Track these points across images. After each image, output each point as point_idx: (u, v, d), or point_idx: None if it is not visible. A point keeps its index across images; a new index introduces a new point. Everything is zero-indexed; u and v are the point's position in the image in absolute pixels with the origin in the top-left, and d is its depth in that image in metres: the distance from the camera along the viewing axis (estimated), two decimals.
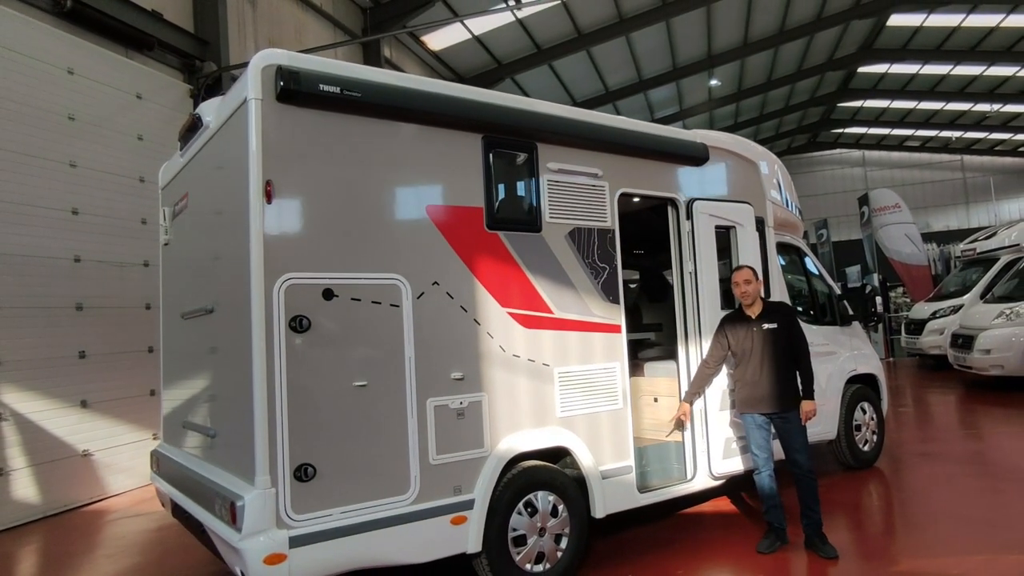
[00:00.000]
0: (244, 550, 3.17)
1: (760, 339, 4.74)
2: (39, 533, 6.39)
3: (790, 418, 4.67)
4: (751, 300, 4.82)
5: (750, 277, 4.83)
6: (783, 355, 4.71)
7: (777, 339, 4.72)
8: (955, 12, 18.97)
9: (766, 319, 4.77)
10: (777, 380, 4.68)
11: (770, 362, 4.70)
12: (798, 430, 4.68)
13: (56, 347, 7.22)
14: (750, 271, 4.86)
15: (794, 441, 4.68)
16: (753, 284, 4.81)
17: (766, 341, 4.73)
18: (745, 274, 4.85)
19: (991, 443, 7.97)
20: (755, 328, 4.77)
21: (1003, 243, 13.56)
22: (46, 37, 7.35)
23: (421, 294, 3.78)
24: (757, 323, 4.77)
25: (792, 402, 4.69)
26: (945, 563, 4.45)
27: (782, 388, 4.68)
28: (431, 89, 3.97)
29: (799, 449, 4.67)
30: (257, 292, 3.30)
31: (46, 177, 7.24)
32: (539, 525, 4.13)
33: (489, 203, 4.12)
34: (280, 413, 3.29)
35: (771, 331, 4.74)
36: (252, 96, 3.40)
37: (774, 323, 4.75)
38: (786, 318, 4.81)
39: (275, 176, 3.39)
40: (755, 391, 4.75)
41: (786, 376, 4.70)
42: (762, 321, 4.77)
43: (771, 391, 4.69)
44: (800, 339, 4.79)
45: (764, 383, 4.71)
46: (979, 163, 32.97)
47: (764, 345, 4.72)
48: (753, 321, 4.80)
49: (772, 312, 4.82)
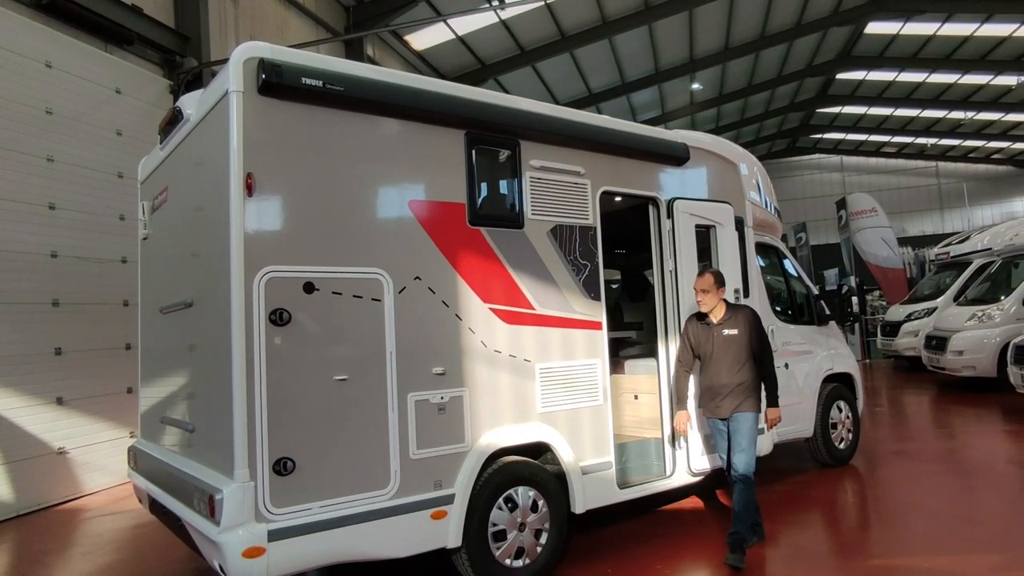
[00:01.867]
0: (223, 543, 3.16)
1: (720, 344, 4.68)
2: (13, 531, 6.30)
3: (740, 420, 4.59)
4: (708, 308, 4.75)
5: (707, 286, 4.71)
6: (743, 361, 4.64)
7: (737, 345, 4.65)
8: (931, 21, 19.30)
9: (727, 324, 4.70)
10: (732, 384, 4.62)
11: (728, 368, 4.64)
12: (745, 432, 4.56)
13: (32, 343, 7.12)
14: (710, 279, 4.73)
15: (738, 443, 4.58)
16: (711, 294, 4.70)
17: (726, 346, 4.66)
18: (703, 283, 4.75)
19: (963, 442, 8.12)
20: (715, 333, 4.71)
21: (976, 247, 13.82)
22: (23, 30, 7.26)
23: (403, 289, 3.79)
24: (718, 328, 4.71)
25: (745, 405, 4.61)
26: (917, 557, 4.54)
27: (741, 392, 4.62)
28: (414, 84, 3.98)
29: (739, 451, 4.56)
30: (237, 285, 3.29)
31: (23, 171, 7.14)
32: (519, 520, 4.15)
33: (472, 199, 4.14)
34: (259, 406, 3.28)
35: (731, 337, 4.67)
36: (234, 88, 3.39)
37: (735, 329, 4.67)
38: (748, 324, 4.69)
39: (256, 169, 3.38)
40: (714, 396, 4.72)
41: (744, 382, 4.63)
42: (723, 326, 4.70)
43: (725, 395, 4.64)
44: (763, 346, 4.71)
45: (721, 388, 4.66)
46: (953, 169, 33.57)
47: (724, 350, 4.66)
48: (714, 326, 4.74)
49: (734, 317, 4.72)
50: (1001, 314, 10.82)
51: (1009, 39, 19.89)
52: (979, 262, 13.23)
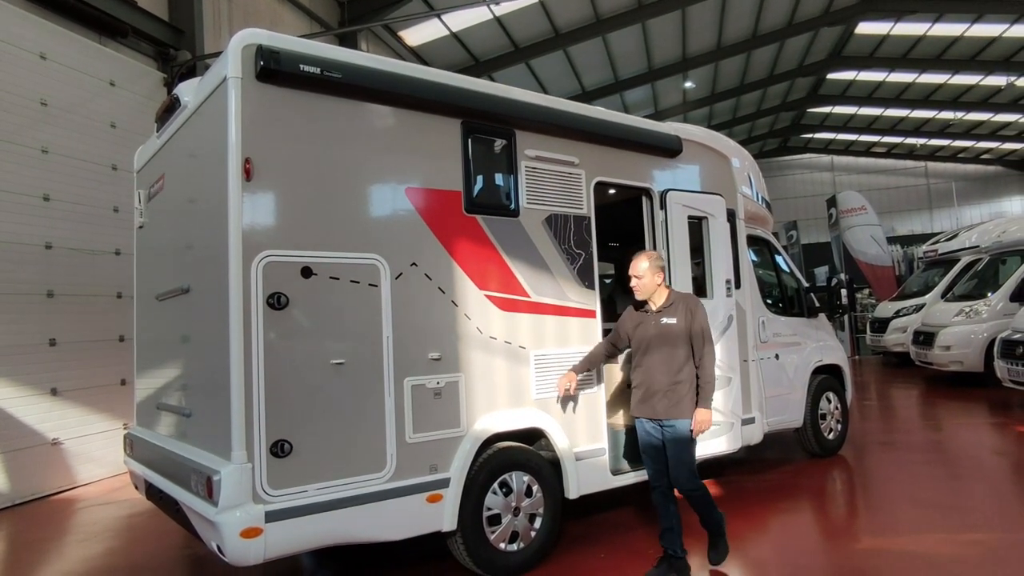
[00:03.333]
0: (220, 523, 3.20)
1: (656, 333, 4.15)
2: (8, 520, 6.31)
3: (677, 427, 4.05)
4: (644, 296, 4.23)
5: (640, 272, 4.17)
6: (679, 355, 4.10)
7: (675, 336, 4.11)
8: (921, 21, 19.47)
9: (667, 313, 4.16)
10: (668, 382, 4.08)
11: (664, 362, 4.10)
12: (683, 442, 4.05)
13: (26, 334, 7.13)
14: (643, 262, 4.18)
15: (676, 454, 4.05)
16: (645, 280, 4.16)
17: (662, 337, 4.13)
18: (634, 267, 4.21)
19: (950, 434, 8.24)
20: (652, 321, 4.19)
21: (964, 244, 13.98)
22: (19, 21, 7.25)
23: (399, 275, 3.83)
24: (656, 316, 4.18)
25: (681, 410, 4.05)
26: (904, 541, 4.63)
27: (673, 392, 4.07)
28: (412, 73, 4.03)
29: (678, 463, 4.05)
30: (235, 268, 3.32)
31: (17, 162, 7.14)
32: (513, 504, 4.20)
33: (468, 187, 4.19)
34: (257, 389, 3.32)
35: (668, 326, 4.12)
36: (232, 74, 3.42)
37: (673, 318, 4.13)
38: (689, 313, 4.14)
39: (254, 154, 3.42)
40: (646, 392, 4.17)
41: (680, 379, 4.08)
42: (661, 314, 4.17)
43: (661, 394, 4.09)
44: (703, 338, 4.12)
45: (655, 384, 4.11)
46: (942, 169, 33.83)
47: (659, 341, 4.13)
48: (653, 313, 4.20)
49: (675, 305, 4.18)
50: (988, 310, 10.96)
51: (999, 39, 20.07)
52: (967, 259, 13.38)
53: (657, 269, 4.18)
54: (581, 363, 4.55)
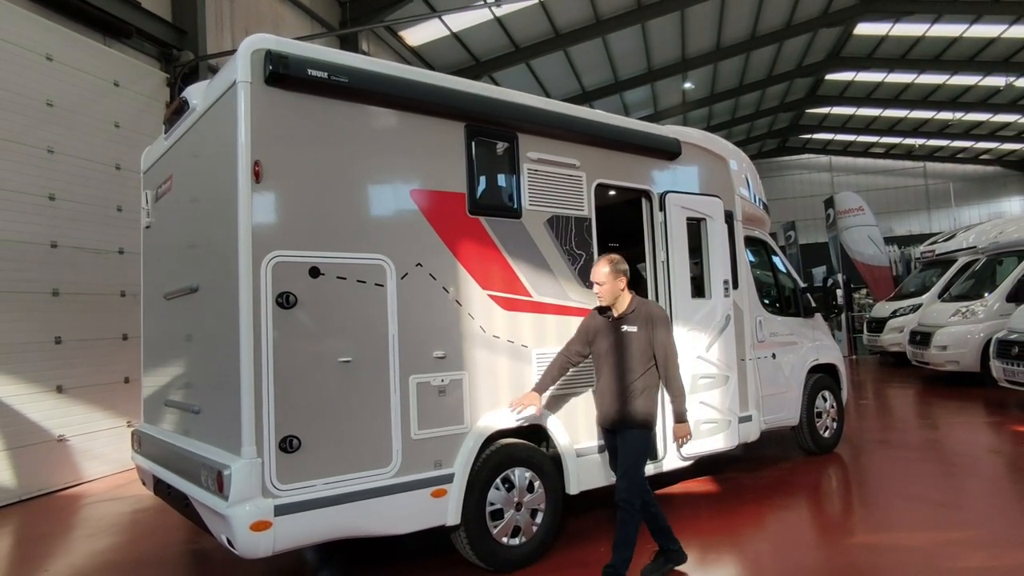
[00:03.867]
0: (231, 517, 3.28)
1: (616, 342, 4.05)
2: (16, 516, 6.39)
3: (628, 436, 3.97)
4: (608, 302, 4.09)
5: (602, 278, 4.04)
6: (637, 364, 3.98)
7: (635, 345, 3.99)
8: (920, 22, 19.56)
9: (628, 320, 4.04)
10: (623, 392, 3.98)
11: (622, 371, 4.00)
12: (630, 451, 3.95)
13: (33, 332, 7.20)
14: (604, 267, 4.04)
15: (623, 464, 3.95)
16: (607, 286, 4.02)
17: (622, 345, 4.02)
18: (596, 273, 4.09)
19: (946, 433, 8.33)
20: (613, 328, 4.09)
21: (961, 245, 14.08)
22: (26, 23, 7.33)
23: (405, 275, 3.92)
24: (617, 322, 4.07)
25: (638, 420, 3.97)
26: (899, 537, 4.71)
27: (632, 402, 3.97)
28: (417, 78, 4.11)
29: (623, 474, 3.92)
30: (245, 269, 3.40)
31: (24, 162, 7.22)
32: (516, 500, 4.29)
33: (471, 189, 4.28)
34: (266, 385, 3.40)
35: (629, 335, 4.01)
36: (241, 79, 3.50)
37: (634, 326, 4.00)
38: (652, 323, 4.00)
39: (263, 156, 3.50)
40: (603, 401, 4.11)
41: (636, 388, 3.97)
42: (623, 322, 4.05)
43: (615, 403, 4.01)
44: (667, 350, 3.99)
45: (611, 392, 4.04)
46: (941, 170, 33.94)
47: (619, 350, 4.03)
48: (614, 320, 4.09)
49: (637, 312, 4.05)
50: (985, 310, 11.05)
51: (998, 40, 20.16)
52: (964, 260, 13.48)
53: (619, 273, 4.03)
54: (543, 379, 4.34)
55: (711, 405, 5.49)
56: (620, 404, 4.00)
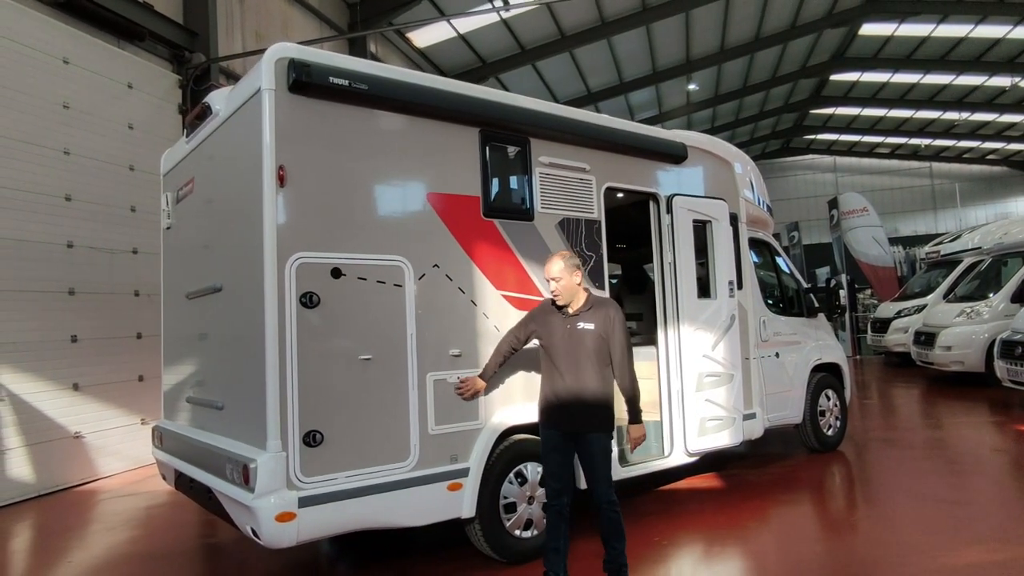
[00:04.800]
0: (257, 508, 3.41)
1: (572, 340, 3.84)
2: (35, 511, 6.54)
3: (593, 441, 3.80)
4: (565, 301, 3.91)
5: (557, 273, 3.84)
6: (597, 363, 3.82)
7: (592, 343, 3.82)
8: (926, 22, 19.62)
9: (583, 317, 3.85)
10: (585, 393, 3.79)
11: (580, 370, 3.80)
12: (601, 456, 3.82)
13: (50, 331, 7.34)
14: (557, 263, 3.86)
15: (596, 469, 3.82)
16: (563, 281, 3.84)
17: (578, 343, 3.82)
18: (550, 269, 3.88)
19: (950, 432, 8.42)
20: (566, 324, 3.88)
21: (966, 246, 14.15)
22: (43, 27, 7.48)
23: (422, 275, 4.05)
24: (572, 319, 3.87)
25: (599, 424, 3.83)
26: (902, 532, 4.82)
27: (590, 403, 3.79)
28: (433, 85, 4.24)
29: (600, 479, 3.82)
30: (270, 269, 3.53)
31: (41, 164, 7.36)
32: (528, 494, 4.42)
33: (485, 192, 4.40)
34: (290, 382, 3.53)
35: (584, 332, 3.82)
36: (266, 86, 3.63)
37: (590, 323, 3.83)
38: (609, 321, 3.84)
39: (287, 161, 3.63)
40: (558, 402, 3.85)
41: (598, 389, 3.81)
42: (577, 319, 3.86)
43: (576, 405, 3.80)
44: (622, 347, 3.84)
45: (569, 394, 3.81)
46: (947, 170, 33.98)
47: (575, 348, 3.83)
48: (568, 316, 3.89)
49: (593, 309, 3.88)
50: (989, 311, 11.12)
51: (1003, 40, 20.21)
52: (969, 260, 13.54)
53: (573, 268, 3.89)
54: (488, 366, 4.23)
55: (716, 402, 5.60)
56: (581, 407, 3.79)
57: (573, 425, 3.83)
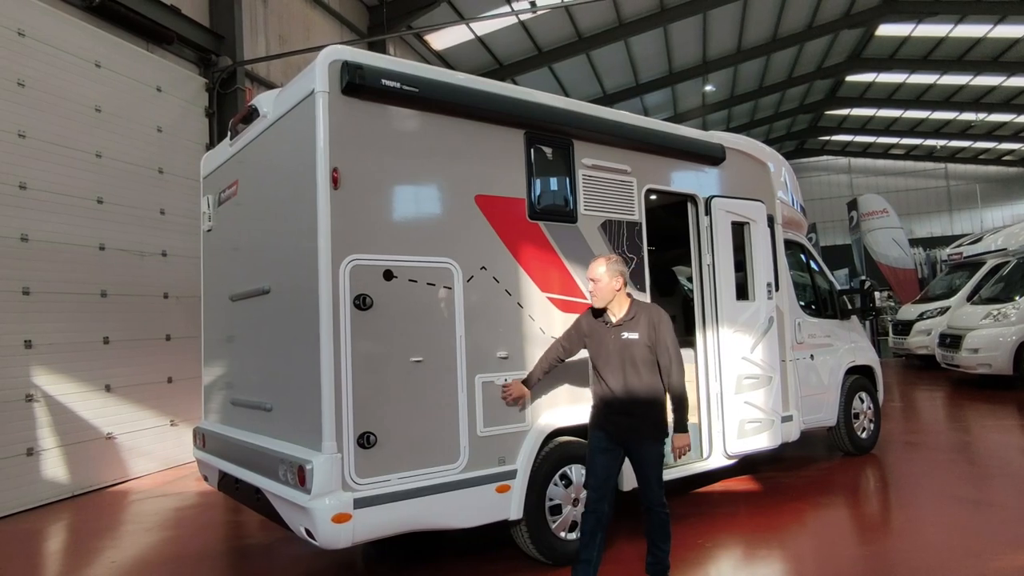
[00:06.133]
0: (313, 509, 3.42)
1: (618, 349, 3.79)
2: (70, 510, 6.59)
3: (646, 447, 3.78)
4: (602, 304, 3.86)
5: (596, 275, 3.82)
6: (644, 372, 3.76)
7: (638, 354, 3.75)
8: (944, 23, 19.51)
9: (627, 326, 3.80)
10: (635, 402, 3.75)
11: (628, 379, 3.76)
12: (654, 463, 3.79)
13: (82, 332, 7.40)
14: (601, 265, 3.82)
15: (649, 474, 3.79)
16: (601, 284, 3.80)
17: (624, 352, 3.76)
18: (592, 269, 3.86)
19: (979, 435, 8.35)
20: (613, 335, 3.83)
21: (989, 248, 14.04)
22: (76, 31, 7.55)
23: (471, 277, 4.05)
24: (616, 329, 3.82)
25: (651, 431, 3.78)
26: (939, 534, 4.81)
27: (640, 412, 3.76)
28: (481, 87, 4.25)
29: (653, 482, 3.79)
30: (325, 272, 3.54)
31: (74, 166, 7.43)
32: (573, 496, 4.42)
33: (531, 195, 4.41)
34: (345, 384, 3.54)
35: (629, 342, 3.76)
36: (320, 88, 3.64)
37: (635, 332, 3.77)
38: (653, 327, 3.77)
39: (341, 164, 3.64)
40: (608, 409, 3.84)
41: (647, 398, 3.76)
42: (622, 328, 3.81)
43: (625, 415, 3.77)
44: (671, 355, 3.77)
45: (619, 403, 3.78)
46: (963, 171, 33.76)
47: (622, 357, 3.77)
48: (612, 326, 3.84)
49: (637, 317, 3.81)
50: (1017, 313, 11.02)
51: (1022, 40, 20.05)
52: (993, 262, 13.44)
53: (616, 273, 3.81)
54: (533, 372, 4.19)
55: (755, 405, 5.59)
56: (632, 418, 3.77)
57: (624, 434, 3.80)
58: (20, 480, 6.57)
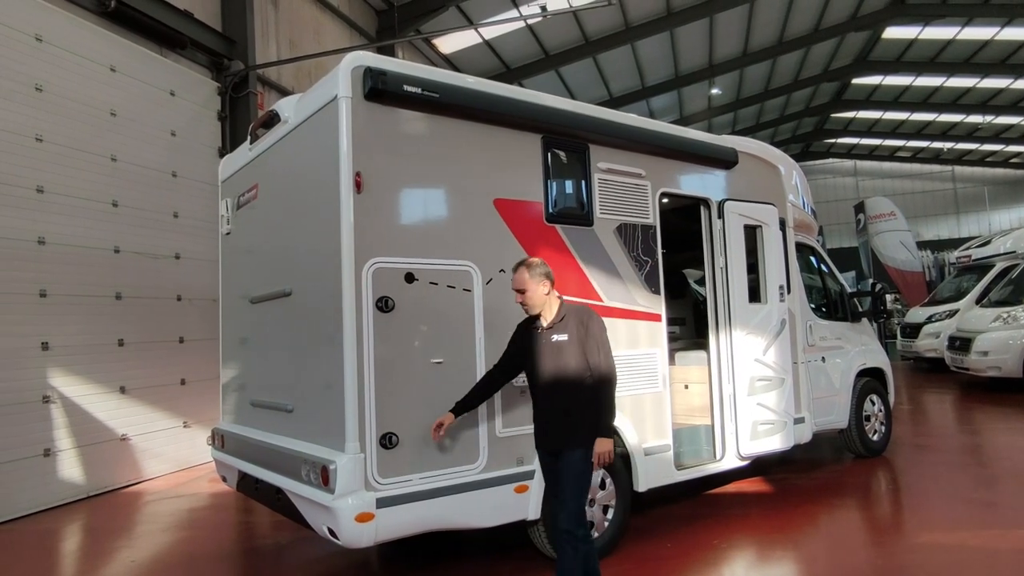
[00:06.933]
0: (337, 509, 3.47)
1: (548, 354, 3.56)
2: (86, 511, 6.65)
3: (569, 460, 3.47)
4: (537, 308, 3.62)
5: (522, 284, 3.59)
6: (573, 376, 3.52)
7: (569, 357, 3.52)
8: (951, 25, 19.52)
9: (557, 329, 3.57)
10: (567, 405, 3.52)
11: (557, 384, 3.53)
12: (572, 476, 3.45)
13: (98, 334, 7.47)
14: (523, 274, 3.59)
15: (564, 487, 3.46)
16: (529, 292, 3.57)
17: (554, 356, 3.55)
18: (517, 280, 3.62)
19: (989, 438, 8.37)
20: (542, 340, 3.59)
21: (998, 250, 14.04)
22: (92, 36, 7.63)
23: (490, 280, 4.10)
24: (546, 333, 3.59)
25: (577, 439, 3.48)
26: (952, 536, 4.82)
27: (570, 421, 3.51)
28: (500, 92, 4.30)
29: (567, 499, 3.42)
30: (348, 274, 3.59)
31: (90, 170, 7.50)
32: (589, 497, 4.43)
33: (548, 198, 4.46)
34: (368, 385, 3.59)
35: (560, 345, 3.54)
36: (343, 94, 3.69)
37: (564, 334, 3.54)
38: (583, 328, 3.56)
39: (363, 168, 3.69)
40: (543, 422, 3.64)
41: (576, 403, 3.51)
42: (552, 332, 3.58)
43: (557, 423, 3.54)
44: (600, 355, 3.54)
45: (552, 408, 3.57)
46: (970, 174, 33.72)
47: (552, 361, 3.55)
48: (544, 331, 3.61)
49: (566, 319, 3.59)
50: None
51: None
52: (1002, 265, 13.43)
53: (541, 277, 3.60)
54: (467, 398, 3.78)
55: (768, 407, 5.62)
56: (562, 424, 3.52)
57: (557, 443, 3.54)
58: (37, 480, 6.63)
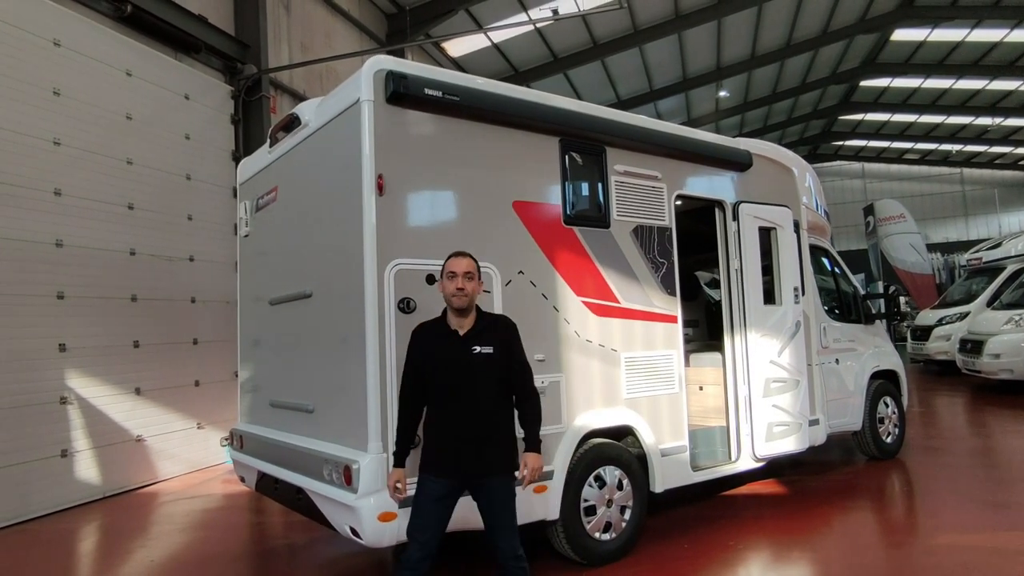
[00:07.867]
0: (360, 508, 3.50)
1: (470, 366, 3.24)
2: (102, 511, 6.70)
3: (497, 486, 3.26)
4: (469, 306, 3.31)
5: (471, 269, 3.30)
6: (497, 394, 3.29)
7: (494, 371, 3.27)
8: (959, 27, 19.47)
9: (479, 339, 3.27)
10: (489, 428, 3.26)
11: (481, 400, 3.25)
12: (507, 502, 3.29)
13: (114, 336, 7.53)
14: (471, 261, 3.33)
15: (501, 517, 3.28)
16: (475, 283, 3.30)
17: (476, 371, 3.24)
18: (464, 261, 3.31)
19: (1001, 441, 8.34)
20: (460, 350, 3.26)
21: (1009, 253, 14.00)
22: (109, 41, 7.70)
23: (509, 282, 4.14)
24: (467, 344, 3.27)
25: (506, 463, 3.29)
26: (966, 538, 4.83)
27: (495, 440, 3.27)
28: (519, 95, 4.34)
29: (505, 528, 3.28)
30: (371, 276, 3.63)
31: (107, 173, 7.57)
32: (607, 497, 4.47)
33: (565, 200, 4.49)
34: (390, 385, 3.62)
35: (485, 358, 3.24)
36: (365, 97, 3.74)
37: (489, 346, 3.27)
38: (507, 340, 3.34)
39: (385, 170, 3.73)
40: (454, 439, 3.24)
41: (503, 423, 3.32)
42: (473, 342, 3.26)
43: (477, 443, 3.23)
44: (523, 369, 3.37)
45: (469, 430, 3.23)
46: (979, 176, 33.58)
47: (473, 377, 3.24)
48: (463, 341, 3.28)
49: (489, 329, 3.33)
50: None
51: None
52: (1013, 267, 13.40)
53: (480, 275, 3.41)
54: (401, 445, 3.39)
55: (783, 408, 5.63)
56: (490, 449, 3.25)
57: (470, 470, 3.24)
58: (54, 481, 6.68)
